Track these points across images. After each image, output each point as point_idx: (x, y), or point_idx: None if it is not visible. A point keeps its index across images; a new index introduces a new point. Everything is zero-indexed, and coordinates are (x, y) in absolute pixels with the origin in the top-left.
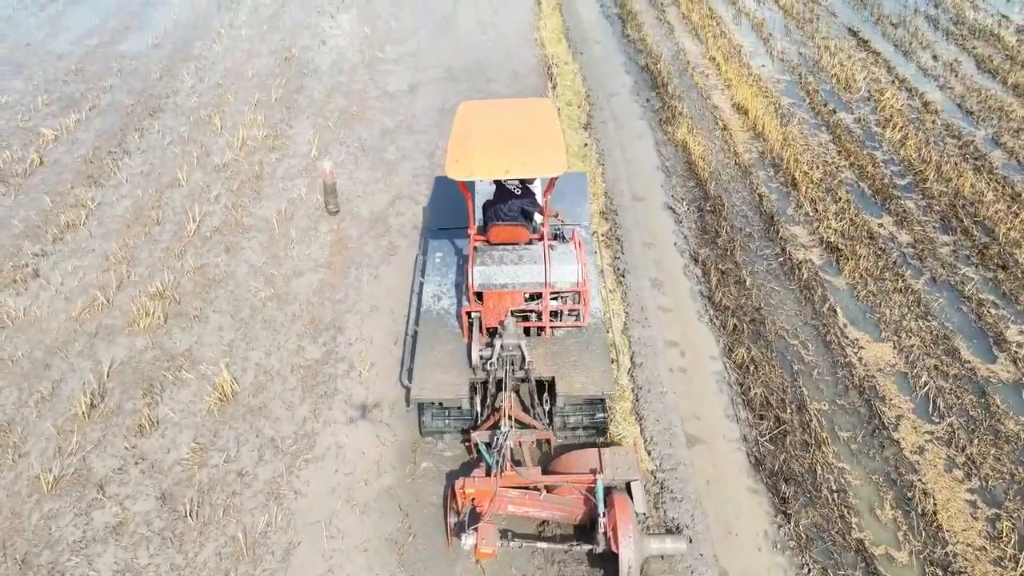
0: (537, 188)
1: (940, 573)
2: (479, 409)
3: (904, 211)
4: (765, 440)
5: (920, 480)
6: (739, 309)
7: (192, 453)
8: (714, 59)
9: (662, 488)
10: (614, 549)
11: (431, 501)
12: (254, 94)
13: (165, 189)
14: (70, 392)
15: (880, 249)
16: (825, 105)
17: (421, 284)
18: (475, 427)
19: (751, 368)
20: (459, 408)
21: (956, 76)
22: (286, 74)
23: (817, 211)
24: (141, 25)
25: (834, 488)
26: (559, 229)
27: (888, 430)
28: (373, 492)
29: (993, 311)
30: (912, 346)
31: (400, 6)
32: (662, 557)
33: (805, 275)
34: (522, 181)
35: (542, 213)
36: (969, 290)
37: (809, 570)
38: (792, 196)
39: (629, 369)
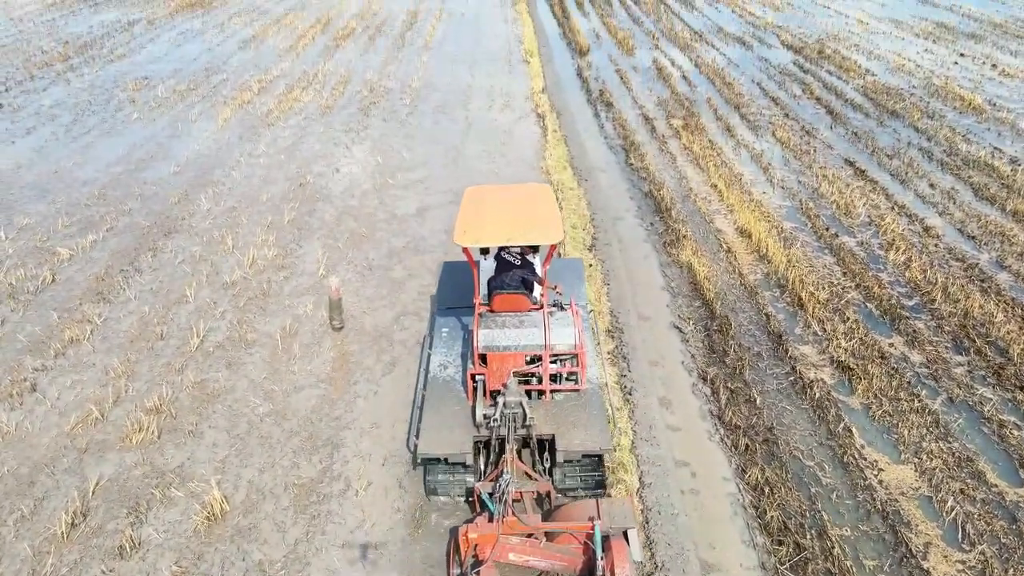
0: (537, 265)
1: None
2: (483, 467)
3: (914, 331)
4: (785, 568)
5: None
6: (750, 428)
7: None
8: (716, 186)
9: None
10: (609, 573)
11: None
12: (267, 216)
13: (172, 306)
14: (52, 510)
15: (893, 369)
16: (827, 229)
17: (428, 355)
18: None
19: (766, 490)
20: (463, 464)
21: (954, 203)
22: (299, 198)
23: (825, 331)
24: (165, 156)
25: None
26: (557, 300)
27: (917, 559)
28: None
29: (1016, 432)
30: (935, 468)
31: (412, 138)
32: None
33: (817, 394)
34: (522, 254)
35: (541, 284)
36: (989, 411)
37: None
38: (799, 316)
39: (638, 490)
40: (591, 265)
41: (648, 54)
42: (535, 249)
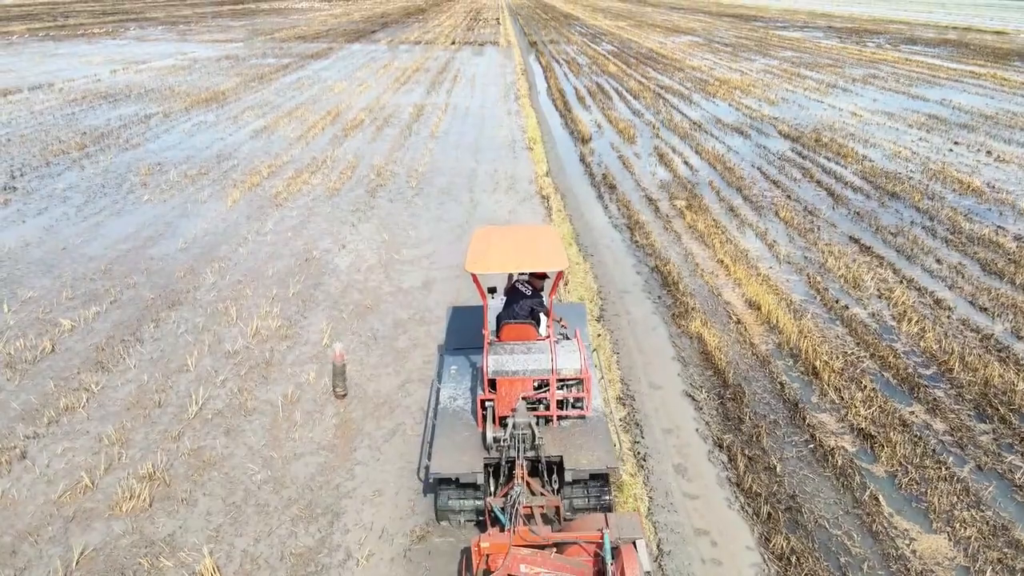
0: (544, 297)
1: None
2: (492, 489)
3: (934, 400)
4: None
5: None
6: (772, 496)
7: None
8: (722, 261)
9: None
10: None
11: None
12: (272, 289)
13: (172, 374)
14: None
15: (916, 437)
16: (837, 302)
17: (438, 389)
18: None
19: (792, 559)
20: (474, 486)
21: (963, 277)
22: (305, 272)
23: (843, 399)
24: (173, 234)
25: None
26: (563, 333)
27: None
28: None
29: None
30: (969, 537)
31: (418, 217)
32: None
33: (839, 462)
34: (532, 284)
35: (547, 315)
36: (1020, 479)
37: None
38: (815, 384)
39: (657, 557)
40: (599, 335)
41: (649, 142)
42: (543, 278)
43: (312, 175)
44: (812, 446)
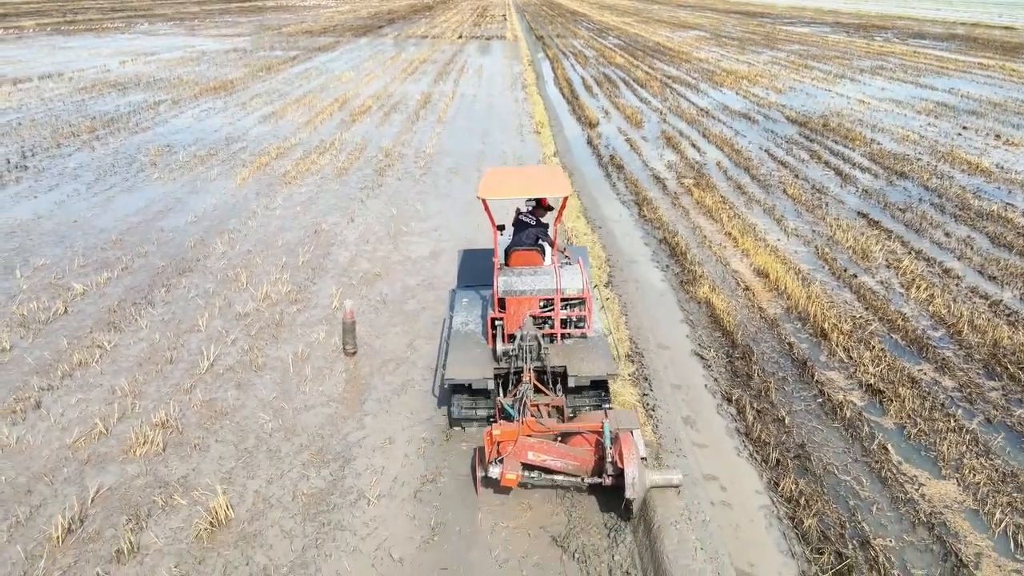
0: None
1: None
2: (502, 395)
3: (943, 359)
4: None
5: None
6: (780, 445)
7: None
8: (730, 234)
9: None
10: (620, 464)
11: None
12: (281, 258)
13: (183, 334)
14: (48, 516)
15: (925, 392)
16: (845, 271)
17: (451, 316)
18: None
19: (802, 502)
20: (485, 393)
21: (971, 249)
22: (314, 243)
23: (852, 358)
24: (183, 208)
25: None
26: (566, 259)
27: (969, 568)
28: None
29: None
30: (978, 483)
31: (426, 195)
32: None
33: (848, 414)
34: (535, 215)
35: (552, 245)
36: None
37: None
38: (823, 345)
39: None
40: (607, 298)
41: (656, 127)
42: (548, 209)
43: (320, 156)
44: (820, 400)
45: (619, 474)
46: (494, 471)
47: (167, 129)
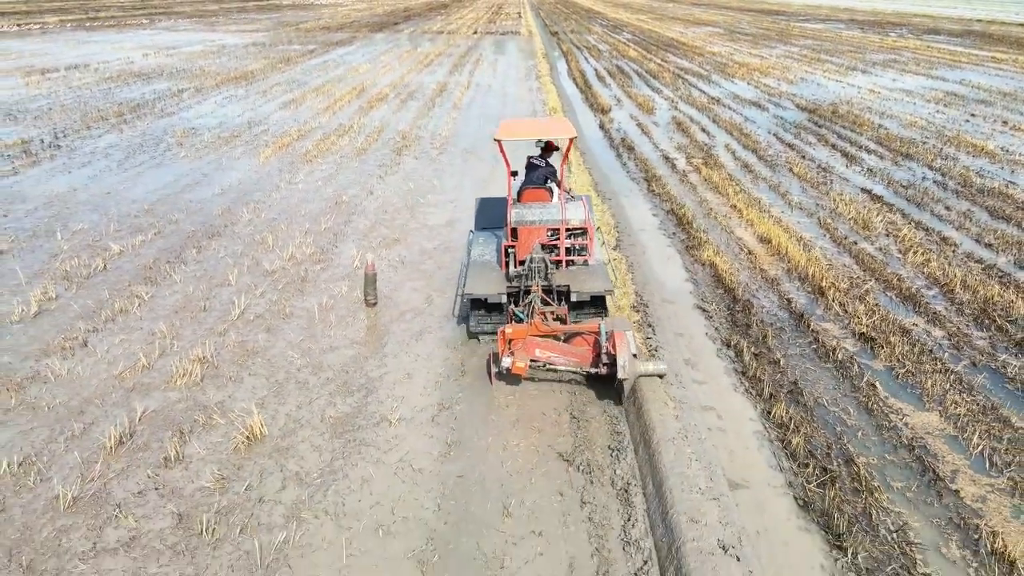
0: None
1: None
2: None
3: (935, 312)
4: (813, 486)
5: (987, 524)
6: (774, 382)
7: (214, 482)
8: (735, 206)
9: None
10: (613, 352)
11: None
12: (305, 225)
13: (215, 287)
14: (100, 432)
15: (915, 340)
16: (845, 238)
17: (469, 251)
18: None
19: (791, 426)
20: (499, 307)
21: (970, 220)
22: (335, 212)
23: (847, 312)
24: (209, 183)
25: (892, 528)
26: (571, 196)
27: (944, 482)
28: (399, 518)
29: None
30: (960, 414)
31: (442, 172)
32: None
33: (840, 357)
34: (544, 158)
35: (559, 185)
36: (1012, 372)
37: None
38: (820, 301)
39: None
40: (614, 258)
41: (667, 113)
42: (555, 150)
43: (340, 138)
44: (815, 347)
45: (612, 363)
46: (506, 361)
47: (191, 114)
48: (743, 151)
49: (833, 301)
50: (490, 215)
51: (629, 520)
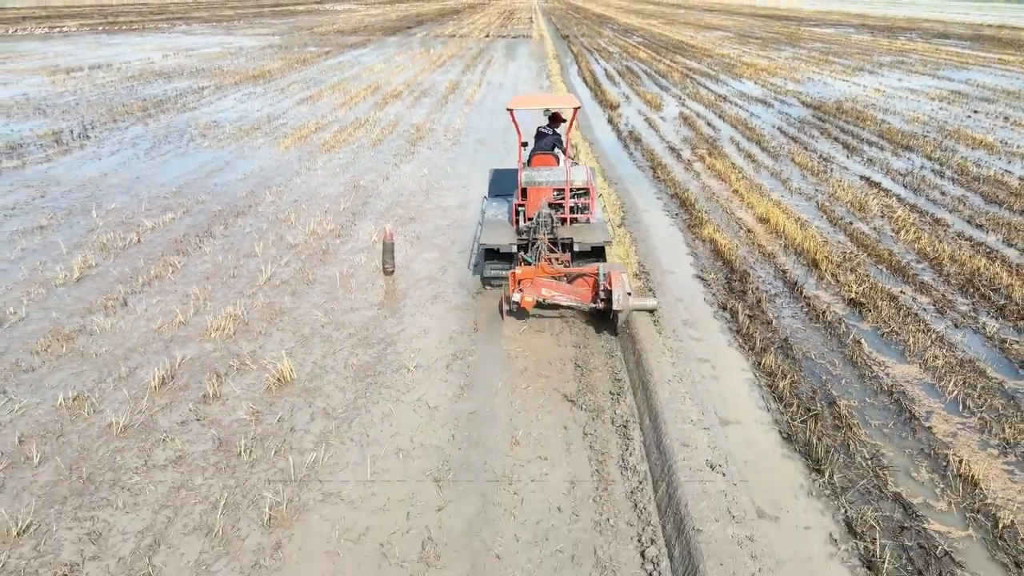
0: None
1: (981, 518)
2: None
3: (922, 282)
4: (796, 422)
5: (955, 454)
6: (766, 338)
7: (250, 415)
8: (737, 191)
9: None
10: (606, 286)
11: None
12: (325, 205)
13: (242, 258)
14: (144, 374)
15: (901, 305)
16: (841, 219)
17: (483, 211)
18: None
19: (780, 374)
20: (509, 257)
21: (964, 205)
22: (353, 195)
23: (838, 281)
24: (232, 169)
25: (868, 457)
26: (575, 162)
27: (919, 420)
28: (417, 445)
29: (1016, 346)
30: (938, 367)
31: (455, 160)
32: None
33: (829, 319)
34: (552, 127)
35: (564, 152)
36: (991, 331)
37: (846, 511)
38: (814, 272)
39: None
40: (619, 236)
41: (675, 109)
42: (561, 121)
43: (356, 130)
44: (806, 311)
45: (609, 298)
46: (516, 297)
47: (212, 109)
48: (747, 143)
49: (826, 272)
50: (502, 184)
51: (627, 449)
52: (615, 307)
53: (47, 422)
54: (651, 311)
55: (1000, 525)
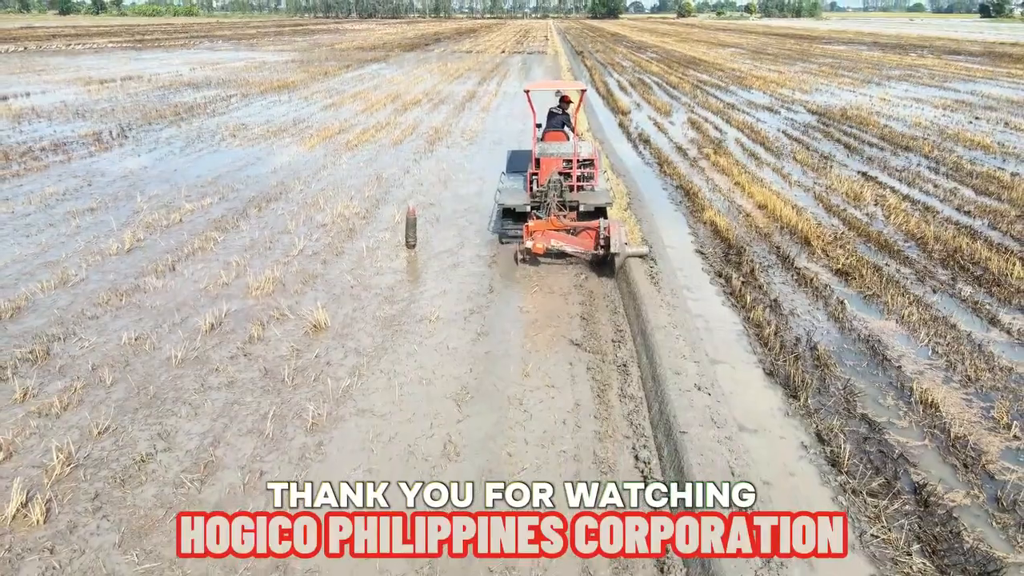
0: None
1: (940, 434)
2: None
3: (906, 257)
4: (779, 362)
5: (919, 386)
6: (756, 299)
7: (290, 352)
8: (739, 183)
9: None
10: (606, 234)
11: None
12: (350, 193)
13: (276, 234)
14: (195, 321)
15: (885, 274)
16: (836, 207)
17: (501, 183)
18: None
19: (765, 326)
20: (524, 216)
21: (955, 196)
22: (377, 185)
23: (828, 256)
24: (263, 164)
25: (840, 387)
26: (581, 140)
27: (890, 361)
28: (438, 376)
29: (987, 307)
30: (914, 322)
31: (472, 158)
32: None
33: (817, 285)
34: (562, 107)
35: (573, 131)
36: (965, 295)
37: (817, 426)
38: (805, 248)
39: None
40: (625, 219)
41: (683, 115)
42: (570, 103)
43: (378, 132)
44: (796, 279)
45: (607, 244)
46: (528, 243)
47: (240, 114)
48: (751, 144)
49: (817, 248)
50: (518, 163)
51: (626, 382)
52: (612, 250)
53: (115, 355)
54: (643, 256)
55: (952, 436)
